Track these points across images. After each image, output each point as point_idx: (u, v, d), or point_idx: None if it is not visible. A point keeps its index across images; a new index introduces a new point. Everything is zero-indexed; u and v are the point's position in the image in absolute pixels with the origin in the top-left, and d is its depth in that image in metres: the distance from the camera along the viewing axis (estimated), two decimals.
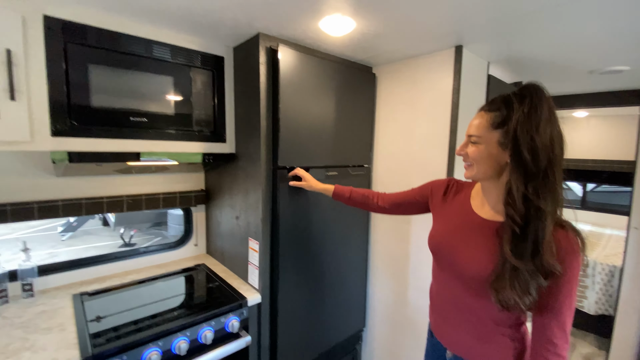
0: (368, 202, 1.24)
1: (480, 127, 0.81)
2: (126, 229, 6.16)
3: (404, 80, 1.57)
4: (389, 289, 1.70)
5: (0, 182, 1.19)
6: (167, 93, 1.25)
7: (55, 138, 1.03)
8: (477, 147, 0.82)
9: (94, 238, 6.26)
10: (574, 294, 0.74)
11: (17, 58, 0.94)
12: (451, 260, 0.88)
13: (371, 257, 1.78)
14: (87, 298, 1.26)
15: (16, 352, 0.93)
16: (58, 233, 6.30)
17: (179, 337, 1.09)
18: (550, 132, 0.71)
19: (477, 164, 0.82)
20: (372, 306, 1.80)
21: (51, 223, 6.93)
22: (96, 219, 7.15)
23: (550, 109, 0.73)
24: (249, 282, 1.42)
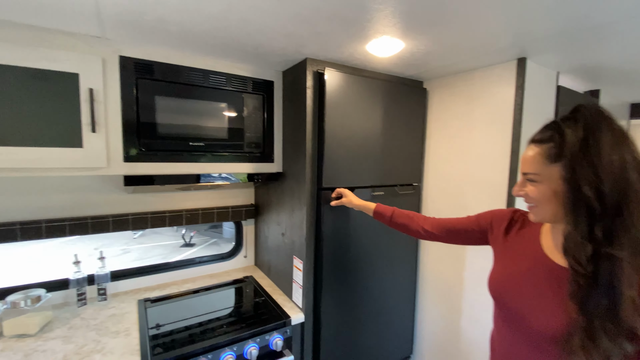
0: (412, 225, 1.12)
1: (535, 163, 0.70)
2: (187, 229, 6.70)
3: (458, 95, 1.47)
4: (440, 317, 1.59)
5: (83, 198, 1.37)
6: (222, 118, 1.33)
7: (126, 163, 1.16)
8: (537, 187, 0.70)
9: (159, 237, 6.92)
10: None
11: (98, 95, 1.08)
12: (517, 311, 0.75)
13: (420, 281, 1.69)
14: (150, 305, 1.39)
15: (89, 353, 1.06)
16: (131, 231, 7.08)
17: (227, 351, 1.14)
18: (619, 158, 0.59)
19: (541, 205, 0.70)
20: (421, 334, 1.71)
21: None
22: None
23: (615, 130, 0.61)
24: (293, 299, 1.44)
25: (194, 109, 1.26)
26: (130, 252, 5.97)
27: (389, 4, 0.84)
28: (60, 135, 1.04)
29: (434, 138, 1.60)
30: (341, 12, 0.89)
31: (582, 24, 0.93)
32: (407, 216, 1.15)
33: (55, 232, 1.31)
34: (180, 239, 6.58)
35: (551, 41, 1.08)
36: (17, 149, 0.98)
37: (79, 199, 1.37)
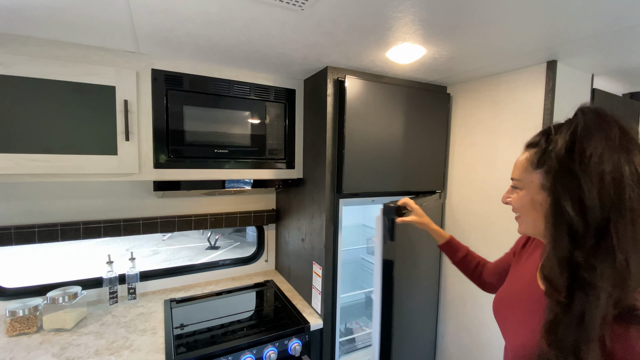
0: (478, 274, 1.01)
1: (520, 168, 0.65)
2: (212, 233, 6.90)
3: (483, 100, 1.43)
4: (463, 330, 1.54)
5: (116, 203, 1.46)
6: (245, 126, 1.37)
7: (156, 170, 1.23)
8: (518, 194, 0.65)
9: (186, 239, 7.16)
10: None
11: (131, 106, 1.15)
12: (502, 331, 0.73)
13: (442, 293, 1.65)
14: (175, 305, 1.45)
15: (118, 349, 1.12)
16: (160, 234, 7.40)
17: (246, 354, 1.16)
18: (612, 169, 0.50)
19: (523, 215, 0.66)
20: (443, 347, 1.65)
21: None
22: None
23: (613, 137, 0.51)
24: (312, 305, 1.45)
25: (219, 117, 1.32)
26: (160, 253, 6.23)
27: (408, 12, 0.84)
28: (98, 144, 1.12)
29: (457, 144, 1.56)
30: (360, 22, 0.91)
31: (618, 24, 0.88)
32: (479, 263, 1.02)
33: (91, 233, 1.40)
34: (206, 241, 6.78)
35: (584, 43, 1.03)
36: (59, 157, 1.07)
37: (112, 203, 1.46)
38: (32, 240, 1.31)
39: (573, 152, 0.54)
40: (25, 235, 1.30)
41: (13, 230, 1.29)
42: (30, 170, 1.04)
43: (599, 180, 0.50)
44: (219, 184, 1.36)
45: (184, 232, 7.60)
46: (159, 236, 7.19)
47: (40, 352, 1.09)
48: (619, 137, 0.52)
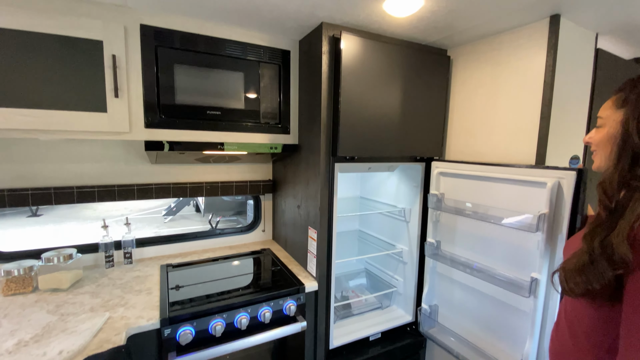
0: None
1: (605, 108, 0.75)
2: (213, 215, 6.94)
3: (484, 62, 1.39)
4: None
5: (110, 168, 1.45)
6: (238, 88, 1.34)
7: (147, 129, 1.21)
8: (599, 131, 0.75)
9: (188, 222, 7.21)
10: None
11: (120, 62, 1.12)
12: None
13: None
14: (171, 269, 1.45)
15: (114, 306, 1.13)
16: (162, 216, 7.44)
17: (241, 312, 1.17)
18: None
19: (599, 149, 0.75)
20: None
21: (157, 207, 8.23)
22: (190, 206, 8.22)
23: None
24: (307, 269, 1.45)
25: (212, 77, 1.28)
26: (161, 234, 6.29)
27: None
28: (87, 100, 1.10)
29: (456, 109, 1.53)
30: None
31: None
32: None
33: (85, 197, 1.40)
34: (207, 224, 6.82)
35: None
36: (48, 112, 1.05)
37: (106, 169, 1.45)
38: (26, 203, 1.31)
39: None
40: (19, 197, 1.30)
41: (6, 193, 1.28)
42: (19, 125, 1.02)
43: None
44: (213, 147, 1.33)
45: (186, 215, 7.66)
46: (160, 219, 7.24)
47: (35, 309, 1.10)
48: None
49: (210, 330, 1.11)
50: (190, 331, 1.08)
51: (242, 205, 7.22)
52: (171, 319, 1.06)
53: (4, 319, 1.03)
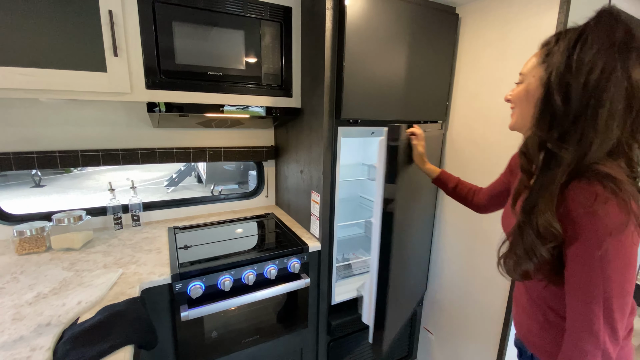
0: (472, 199, 1.09)
1: (528, 63, 0.70)
2: (215, 185, 7.00)
3: (493, 20, 1.34)
4: (457, 255, 1.60)
5: (114, 132, 1.45)
6: (239, 48, 1.31)
7: (148, 90, 1.19)
8: (518, 87, 0.70)
9: (190, 192, 7.29)
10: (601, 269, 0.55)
11: (117, 18, 1.09)
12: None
13: (437, 219, 1.68)
14: (179, 231, 1.49)
15: (126, 264, 1.17)
16: (164, 186, 7.50)
17: (248, 269, 1.22)
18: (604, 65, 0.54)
19: (516, 107, 0.71)
20: (435, 271, 1.73)
21: (159, 178, 8.28)
22: (192, 177, 8.27)
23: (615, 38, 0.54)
24: (310, 231, 1.49)
25: (212, 36, 1.25)
26: None
27: None
28: (86, 59, 1.08)
29: (463, 71, 1.49)
30: None
31: None
32: (469, 190, 1.11)
33: (90, 161, 1.41)
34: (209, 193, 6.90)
35: None
36: (48, 71, 1.03)
37: (109, 133, 1.44)
38: (32, 166, 1.32)
39: (575, 47, 0.57)
40: (25, 161, 1.31)
41: (12, 156, 1.29)
42: (20, 84, 1.01)
43: (588, 72, 0.55)
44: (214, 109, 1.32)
45: (188, 186, 7.72)
46: (162, 189, 7.31)
47: (50, 266, 1.15)
48: (622, 39, 0.54)
49: (219, 285, 1.17)
50: (200, 286, 1.13)
51: (243, 175, 7.25)
52: (182, 275, 1.11)
53: (21, 275, 1.08)
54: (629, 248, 0.54)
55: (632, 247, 0.55)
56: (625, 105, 0.55)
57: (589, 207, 0.54)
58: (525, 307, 0.78)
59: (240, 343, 1.28)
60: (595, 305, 0.56)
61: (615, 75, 0.54)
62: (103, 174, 9.28)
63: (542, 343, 0.73)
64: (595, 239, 0.54)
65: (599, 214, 0.53)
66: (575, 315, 0.59)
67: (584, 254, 0.56)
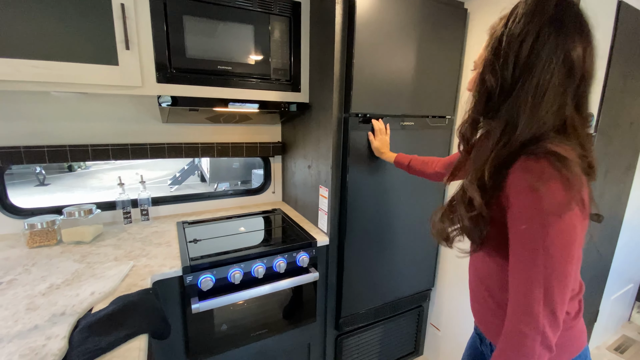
0: (426, 169, 1.16)
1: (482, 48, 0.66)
2: (218, 184, 7.01)
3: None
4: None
5: (124, 127, 1.46)
6: (249, 42, 1.31)
7: (159, 84, 1.20)
8: (472, 74, 0.68)
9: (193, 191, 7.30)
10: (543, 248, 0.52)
11: (129, 12, 1.09)
12: None
13: None
14: (187, 225, 1.50)
15: (137, 257, 1.18)
16: (167, 185, 7.53)
17: (257, 263, 1.22)
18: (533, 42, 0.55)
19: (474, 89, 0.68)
20: (443, 267, 1.73)
21: (162, 177, 8.31)
22: (195, 176, 8.29)
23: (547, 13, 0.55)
24: (318, 226, 1.49)
25: (221, 30, 1.25)
26: None
27: None
28: (98, 52, 1.08)
29: (471, 65, 1.49)
30: None
31: None
32: (422, 162, 1.19)
33: (100, 155, 1.42)
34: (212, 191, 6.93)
35: None
36: (60, 64, 1.04)
37: (119, 128, 1.45)
38: (42, 160, 1.33)
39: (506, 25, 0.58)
40: (35, 154, 1.32)
41: (23, 149, 1.30)
42: (31, 77, 1.02)
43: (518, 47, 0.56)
44: (223, 103, 1.32)
45: (191, 184, 7.75)
46: (165, 188, 7.33)
47: (61, 258, 1.16)
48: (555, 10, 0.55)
49: (229, 278, 1.17)
50: (211, 278, 1.13)
51: (247, 174, 7.26)
52: (192, 267, 1.12)
53: (32, 267, 1.09)
54: (572, 229, 0.53)
55: (575, 229, 0.53)
56: (563, 78, 0.55)
57: (532, 183, 0.53)
58: (477, 293, 0.78)
59: (249, 337, 1.29)
60: (535, 286, 0.53)
61: (548, 47, 0.54)
62: (107, 172, 9.32)
63: (494, 328, 0.73)
64: (538, 217, 0.53)
65: (541, 191, 0.52)
66: (516, 296, 0.57)
67: (526, 233, 0.54)
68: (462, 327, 1.63)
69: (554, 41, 0.54)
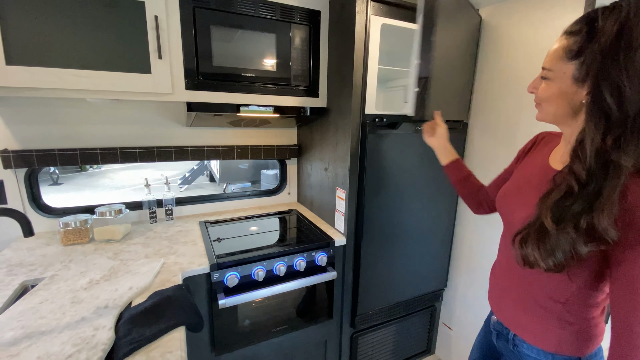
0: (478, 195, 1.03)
1: (554, 58, 0.64)
2: (228, 184, 7.11)
3: (517, 21, 1.37)
4: (476, 252, 1.63)
5: (149, 131, 1.53)
6: (271, 50, 1.37)
7: (188, 91, 1.26)
8: (547, 84, 0.66)
9: (202, 191, 7.42)
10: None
11: (162, 23, 1.16)
12: (508, 217, 0.80)
13: (459, 215, 1.72)
14: (210, 225, 1.56)
15: (166, 254, 1.25)
16: (177, 185, 7.65)
17: (279, 261, 1.28)
18: None
19: (545, 103, 0.68)
20: (456, 267, 1.77)
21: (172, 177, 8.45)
22: (204, 176, 8.40)
23: None
24: (335, 227, 1.54)
25: (246, 39, 1.31)
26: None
27: None
28: (132, 62, 1.15)
29: (486, 72, 1.53)
30: None
31: None
32: (479, 185, 1.05)
33: (128, 157, 1.49)
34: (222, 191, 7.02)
35: None
36: (98, 73, 1.11)
37: (145, 131, 1.52)
38: (75, 162, 1.40)
39: (621, 40, 0.53)
40: (69, 157, 1.39)
41: (57, 152, 1.37)
42: (72, 85, 1.09)
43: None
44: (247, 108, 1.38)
45: (200, 185, 7.86)
46: (175, 188, 7.45)
47: (96, 255, 1.23)
48: None
49: (253, 275, 1.23)
50: (236, 275, 1.19)
51: (256, 174, 7.34)
52: (219, 265, 1.18)
53: (70, 263, 1.16)
54: None
55: None
56: None
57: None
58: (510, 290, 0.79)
59: (270, 332, 1.34)
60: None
61: None
62: (117, 172, 9.49)
63: (531, 326, 0.75)
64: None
65: None
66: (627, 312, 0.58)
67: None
68: (474, 327, 1.66)
69: None
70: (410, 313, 1.74)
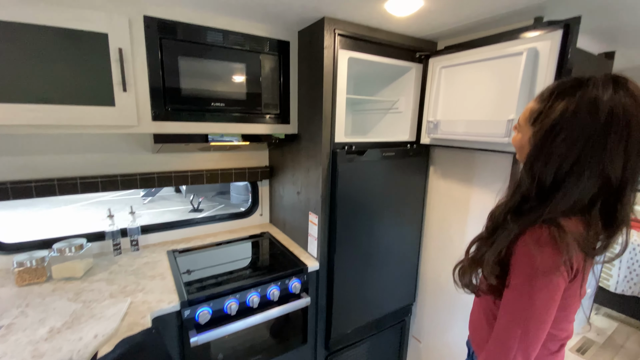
0: None
1: (524, 115, 0.73)
2: (195, 196, 6.87)
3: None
4: (441, 268, 1.73)
5: (113, 158, 1.46)
6: (241, 79, 1.37)
7: (154, 122, 1.23)
8: (517, 134, 0.77)
9: (168, 203, 7.12)
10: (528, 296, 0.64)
11: (126, 55, 1.12)
12: None
13: (424, 235, 1.81)
14: (178, 254, 1.52)
15: (132, 292, 1.20)
16: (140, 197, 7.28)
17: (252, 292, 1.28)
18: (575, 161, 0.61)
19: (518, 151, 0.78)
20: (423, 282, 1.85)
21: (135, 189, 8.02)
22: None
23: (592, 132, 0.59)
24: (308, 251, 1.57)
25: (215, 69, 1.31)
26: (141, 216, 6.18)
27: None
28: (95, 95, 1.10)
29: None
30: None
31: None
32: None
33: (89, 187, 1.41)
34: (189, 204, 6.77)
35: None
36: (57, 107, 1.05)
37: (108, 159, 1.46)
38: (29, 195, 1.31)
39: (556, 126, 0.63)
40: (22, 190, 1.30)
41: (9, 185, 1.28)
42: (29, 121, 1.03)
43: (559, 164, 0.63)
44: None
45: (165, 196, 7.54)
46: (139, 200, 7.09)
47: (55, 297, 1.15)
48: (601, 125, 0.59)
49: (225, 309, 1.22)
50: (208, 311, 1.18)
51: (224, 185, 7.18)
52: (190, 301, 1.16)
53: (27, 308, 1.08)
54: (554, 288, 0.63)
55: (558, 289, 0.64)
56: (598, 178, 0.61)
57: (529, 246, 0.64)
58: (476, 314, 0.90)
59: None
60: (516, 325, 0.66)
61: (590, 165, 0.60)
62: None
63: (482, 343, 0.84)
64: (528, 273, 0.64)
65: (534, 253, 0.63)
66: (499, 328, 0.70)
67: (518, 283, 0.66)
68: (441, 338, 1.75)
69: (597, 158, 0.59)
70: (383, 329, 1.79)
